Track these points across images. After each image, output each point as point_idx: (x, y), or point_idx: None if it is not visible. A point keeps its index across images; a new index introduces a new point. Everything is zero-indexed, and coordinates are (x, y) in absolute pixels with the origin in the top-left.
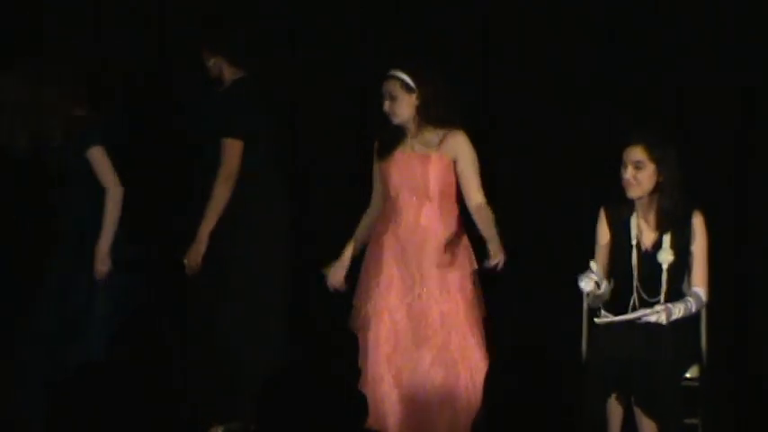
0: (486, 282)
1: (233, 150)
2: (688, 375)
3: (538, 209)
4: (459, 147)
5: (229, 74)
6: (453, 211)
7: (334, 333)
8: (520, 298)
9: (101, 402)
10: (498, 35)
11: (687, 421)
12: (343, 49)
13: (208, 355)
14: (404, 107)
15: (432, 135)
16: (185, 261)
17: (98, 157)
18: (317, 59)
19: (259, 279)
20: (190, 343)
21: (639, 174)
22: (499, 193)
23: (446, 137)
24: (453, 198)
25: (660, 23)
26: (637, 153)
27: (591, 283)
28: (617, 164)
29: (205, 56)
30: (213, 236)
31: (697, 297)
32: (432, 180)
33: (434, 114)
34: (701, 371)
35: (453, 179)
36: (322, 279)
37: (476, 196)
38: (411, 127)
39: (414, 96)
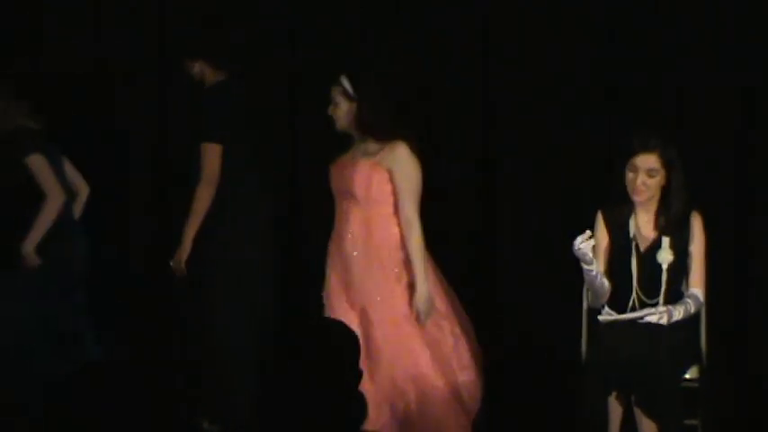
0: (485, 282)
1: (212, 155)
2: (688, 376)
3: (538, 209)
4: (396, 158)
5: (211, 77)
6: (389, 221)
7: (334, 333)
8: (520, 298)
9: (101, 402)
10: (498, 35)
11: (687, 422)
12: (343, 49)
13: (208, 355)
14: (342, 114)
15: (374, 144)
16: (171, 264)
17: (36, 166)
18: (317, 59)
19: (258, 279)
20: (190, 343)
21: (651, 180)
22: (499, 193)
23: (385, 147)
24: (390, 209)
25: (660, 23)
26: (651, 161)
27: (588, 243)
28: (616, 164)
29: (187, 60)
30: (210, 237)
31: (695, 298)
32: (365, 188)
33: (369, 126)
34: (701, 371)
35: (389, 189)
36: (321, 279)
37: (405, 212)
38: (354, 134)
39: (353, 105)
